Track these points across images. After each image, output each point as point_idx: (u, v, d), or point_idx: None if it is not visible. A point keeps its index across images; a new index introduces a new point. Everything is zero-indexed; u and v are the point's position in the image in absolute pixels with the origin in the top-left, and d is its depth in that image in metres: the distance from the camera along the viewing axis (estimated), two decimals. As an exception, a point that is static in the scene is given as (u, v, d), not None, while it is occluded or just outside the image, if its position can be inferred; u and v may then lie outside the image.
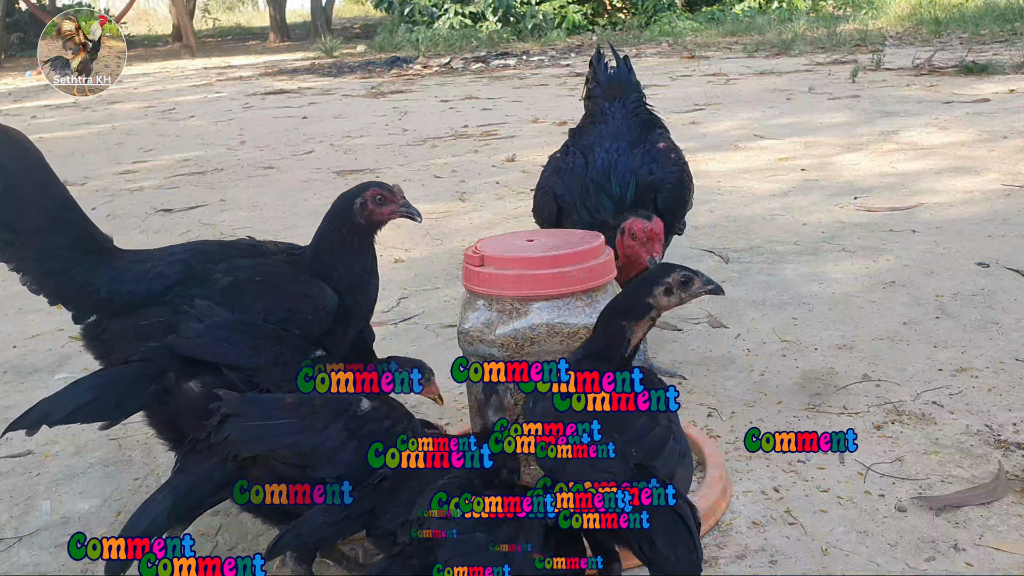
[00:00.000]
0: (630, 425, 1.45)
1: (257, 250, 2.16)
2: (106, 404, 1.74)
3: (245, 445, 1.58)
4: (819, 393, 2.57)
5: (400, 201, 2.07)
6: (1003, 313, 3.05)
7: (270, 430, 1.59)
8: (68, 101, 11.96)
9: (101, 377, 1.80)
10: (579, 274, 1.90)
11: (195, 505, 1.58)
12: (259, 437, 1.59)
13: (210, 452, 1.60)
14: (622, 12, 20.98)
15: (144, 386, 1.78)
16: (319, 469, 1.59)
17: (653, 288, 1.66)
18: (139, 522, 1.52)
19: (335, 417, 1.64)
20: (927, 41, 12.79)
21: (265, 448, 1.58)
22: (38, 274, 2.02)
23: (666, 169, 2.74)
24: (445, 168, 6.44)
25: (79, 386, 1.77)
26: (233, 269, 2.04)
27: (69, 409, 1.71)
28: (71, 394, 1.74)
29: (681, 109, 8.20)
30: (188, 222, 5.25)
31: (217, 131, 9.18)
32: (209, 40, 29.38)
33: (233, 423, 1.59)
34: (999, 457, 2.16)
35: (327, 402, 1.66)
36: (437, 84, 12.55)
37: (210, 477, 1.58)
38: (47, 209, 2.01)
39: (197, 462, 1.60)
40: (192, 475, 1.59)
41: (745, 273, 3.68)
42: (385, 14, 22.83)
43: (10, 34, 24.68)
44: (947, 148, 5.84)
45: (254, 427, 1.59)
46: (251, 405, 1.64)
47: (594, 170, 2.70)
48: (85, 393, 1.74)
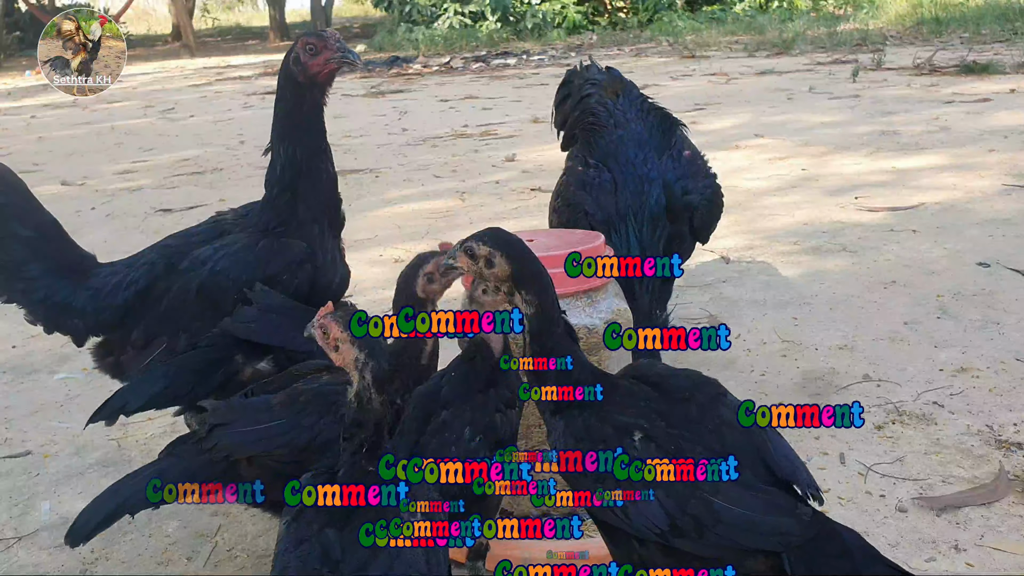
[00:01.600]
0: (771, 452, 1.29)
1: (219, 228, 2.13)
2: (180, 390, 1.80)
3: (238, 449, 1.58)
4: (819, 393, 2.57)
5: (333, 47, 1.95)
6: (1003, 313, 3.05)
7: (260, 434, 1.59)
8: (68, 101, 11.96)
9: (171, 366, 1.84)
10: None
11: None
12: (252, 442, 1.58)
13: (199, 450, 1.60)
14: (622, 11, 20.97)
15: (214, 370, 1.83)
16: (314, 463, 1.59)
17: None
18: (115, 496, 1.52)
19: (325, 410, 1.63)
20: (928, 41, 12.79)
21: (260, 450, 1.58)
22: (29, 304, 2.05)
23: (700, 184, 2.62)
24: (445, 168, 6.44)
25: (152, 375, 1.82)
26: (196, 264, 2.02)
27: (145, 397, 1.77)
28: (146, 383, 1.79)
29: (681, 108, 8.18)
30: (188, 222, 5.20)
31: (217, 131, 9.17)
32: (209, 40, 29.36)
33: (221, 433, 1.58)
34: (1000, 457, 2.15)
35: (314, 396, 1.65)
36: (437, 84, 12.54)
37: (197, 473, 1.57)
38: (27, 240, 2.03)
39: (189, 451, 1.60)
40: (182, 463, 1.58)
41: (745, 273, 3.68)
42: (385, 14, 22.82)
43: (10, 34, 24.67)
44: (947, 148, 5.84)
45: (245, 433, 1.59)
46: (239, 411, 1.63)
47: (627, 188, 2.52)
48: (159, 381, 1.79)
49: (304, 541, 1.27)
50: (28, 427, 2.69)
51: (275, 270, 1.98)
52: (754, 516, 1.19)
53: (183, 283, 2.00)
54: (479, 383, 1.60)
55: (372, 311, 1.40)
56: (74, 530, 1.51)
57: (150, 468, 1.58)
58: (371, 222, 4.97)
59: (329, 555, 1.24)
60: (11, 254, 2.01)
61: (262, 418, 1.61)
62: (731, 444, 1.29)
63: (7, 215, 2.02)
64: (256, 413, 1.62)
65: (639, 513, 1.25)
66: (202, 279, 1.99)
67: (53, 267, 2.04)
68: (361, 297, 3.63)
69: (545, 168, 6.18)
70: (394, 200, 5.52)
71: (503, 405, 1.59)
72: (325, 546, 1.25)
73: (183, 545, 2.03)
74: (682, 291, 3.52)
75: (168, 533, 2.07)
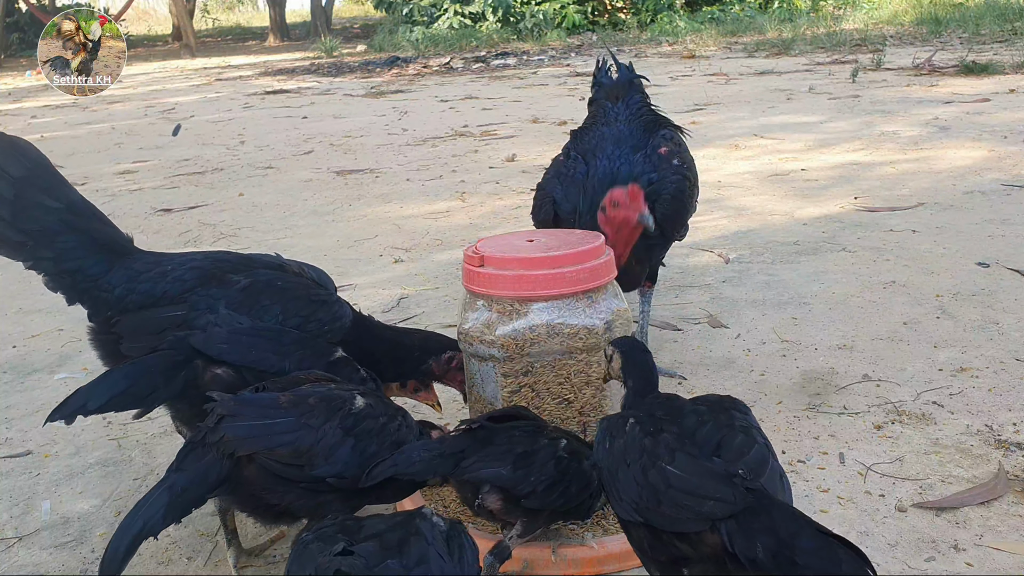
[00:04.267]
0: (728, 444, 1.39)
1: (280, 266, 2.21)
2: (141, 391, 1.79)
3: (242, 443, 1.58)
4: (819, 393, 2.57)
5: None
6: (1003, 313, 3.05)
7: (267, 429, 1.59)
8: (68, 101, 11.97)
9: (134, 367, 1.83)
10: (579, 274, 1.90)
11: (191, 503, 1.58)
12: (256, 436, 1.58)
13: (206, 451, 1.60)
14: (622, 12, 20.97)
15: (176, 372, 1.82)
16: (316, 467, 1.59)
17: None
18: (134, 521, 1.52)
19: (331, 415, 1.64)
20: (927, 41, 12.80)
21: (262, 446, 1.58)
22: (54, 273, 2.08)
23: (665, 177, 2.65)
24: (445, 168, 6.44)
25: (114, 375, 1.80)
26: (253, 274, 2.10)
27: (106, 398, 1.75)
28: (106, 383, 1.77)
29: (681, 109, 8.20)
30: (188, 222, 5.25)
31: (217, 131, 9.17)
32: (209, 40, 29.38)
33: (229, 423, 1.59)
34: (999, 457, 2.16)
35: (322, 400, 1.66)
36: (437, 84, 12.55)
37: (206, 476, 1.58)
38: (57, 212, 2.07)
39: (194, 460, 1.60)
40: (189, 473, 1.58)
41: (745, 273, 3.68)
42: (385, 14, 22.83)
43: (10, 34, 24.67)
44: (947, 148, 5.84)
45: (250, 426, 1.59)
46: (246, 405, 1.63)
47: (595, 178, 2.63)
48: (120, 382, 1.77)
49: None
50: (28, 427, 2.69)
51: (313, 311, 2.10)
52: (696, 480, 1.32)
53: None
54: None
55: (372, 312, 1.40)
56: (105, 562, 1.49)
57: (161, 487, 1.57)
58: (371, 222, 4.98)
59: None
60: (40, 223, 2.04)
61: (270, 413, 1.61)
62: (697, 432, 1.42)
63: (32, 186, 2.05)
64: (264, 408, 1.62)
65: (625, 489, 1.40)
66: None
67: (87, 241, 2.08)
68: (361, 297, 3.63)
69: (545, 168, 6.19)
70: (394, 200, 5.52)
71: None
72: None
73: (183, 545, 2.03)
74: (682, 291, 3.53)
75: (168, 533, 2.07)
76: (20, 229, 2.03)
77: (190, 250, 2.25)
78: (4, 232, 2.03)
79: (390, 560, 1.24)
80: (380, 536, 1.30)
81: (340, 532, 1.32)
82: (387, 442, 1.66)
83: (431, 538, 1.30)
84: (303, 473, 1.59)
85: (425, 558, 1.26)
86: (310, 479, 1.60)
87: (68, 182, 2.13)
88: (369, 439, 1.64)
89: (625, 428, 1.48)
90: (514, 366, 1.91)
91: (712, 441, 1.39)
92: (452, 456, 1.65)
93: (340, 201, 5.59)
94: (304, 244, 4.56)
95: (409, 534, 1.30)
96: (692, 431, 1.42)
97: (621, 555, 1.81)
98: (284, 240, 4.66)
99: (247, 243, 4.57)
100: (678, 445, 1.38)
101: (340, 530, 1.33)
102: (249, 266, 2.14)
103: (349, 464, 1.61)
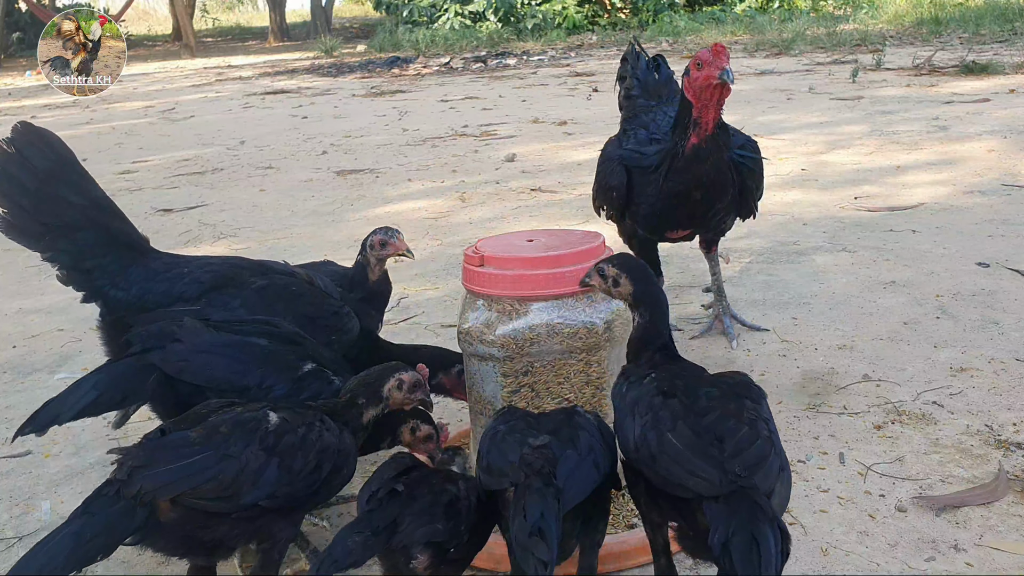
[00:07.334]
0: (731, 436, 1.40)
1: (292, 274, 2.22)
2: (112, 398, 1.79)
3: (163, 490, 1.48)
4: (819, 393, 2.57)
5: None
6: (1003, 313, 3.05)
7: (185, 469, 1.49)
8: (68, 101, 11.96)
9: (102, 374, 1.82)
10: (579, 274, 1.89)
11: (98, 551, 1.46)
12: (176, 480, 1.48)
13: (118, 497, 1.49)
14: (623, 12, 20.98)
15: (145, 377, 1.82)
16: (245, 495, 1.52)
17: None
18: (31, 564, 1.43)
19: (248, 438, 1.55)
20: (927, 41, 12.80)
21: (185, 487, 1.49)
22: (70, 267, 2.09)
23: (750, 144, 2.73)
24: (445, 168, 6.44)
25: (83, 385, 1.79)
26: (270, 277, 2.13)
27: (77, 408, 1.74)
28: (76, 393, 1.76)
29: (681, 109, 8.20)
30: (188, 222, 5.25)
31: (217, 131, 9.18)
32: (209, 40, 29.38)
33: (143, 474, 1.48)
34: (999, 457, 2.16)
35: (235, 425, 1.57)
36: (437, 84, 12.55)
37: (116, 525, 1.47)
38: (79, 207, 2.08)
39: (104, 505, 1.49)
40: (98, 520, 1.47)
41: (745, 273, 3.68)
42: (385, 14, 22.84)
43: (10, 34, 24.67)
44: (947, 148, 5.84)
45: (168, 471, 1.49)
46: (158, 451, 1.53)
47: (664, 126, 2.68)
48: (90, 392, 1.76)
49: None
50: (28, 427, 2.68)
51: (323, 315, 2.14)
52: (687, 453, 1.38)
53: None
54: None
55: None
56: None
57: (66, 530, 1.48)
58: (371, 222, 4.97)
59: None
60: (61, 217, 2.05)
61: (185, 453, 1.51)
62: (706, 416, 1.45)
63: (55, 179, 2.06)
64: (177, 449, 1.52)
65: (624, 437, 1.54)
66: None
67: (107, 238, 2.11)
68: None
69: (545, 168, 6.19)
70: (394, 200, 5.52)
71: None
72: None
73: (183, 545, 2.03)
74: (682, 291, 3.53)
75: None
76: (41, 221, 2.05)
77: (191, 251, 2.25)
78: (25, 222, 2.05)
79: (568, 450, 1.53)
80: (556, 431, 1.59)
81: (528, 426, 1.62)
82: (311, 452, 1.60)
83: (591, 430, 1.61)
84: (233, 504, 1.52)
85: (593, 447, 1.57)
86: (242, 508, 1.53)
87: (92, 178, 2.15)
88: (293, 454, 1.58)
89: (643, 382, 1.57)
90: (514, 366, 1.91)
91: (717, 429, 1.42)
92: (386, 529, 1.52)
93: (340, 201, 5.59)
94: (304, 244, 4.56)
95: (577, 428, 1.60)
96: (702, 413, 1.45)
97: (620, 555, 1.81)
98: (284, 240, 4.66)
99: (247, 243, 4.56)
100: (684, 415, 1.44)
101: (527, 424, 1.63)
102: (265, 272, 2.16)
103: (279, 483, 1.55)
